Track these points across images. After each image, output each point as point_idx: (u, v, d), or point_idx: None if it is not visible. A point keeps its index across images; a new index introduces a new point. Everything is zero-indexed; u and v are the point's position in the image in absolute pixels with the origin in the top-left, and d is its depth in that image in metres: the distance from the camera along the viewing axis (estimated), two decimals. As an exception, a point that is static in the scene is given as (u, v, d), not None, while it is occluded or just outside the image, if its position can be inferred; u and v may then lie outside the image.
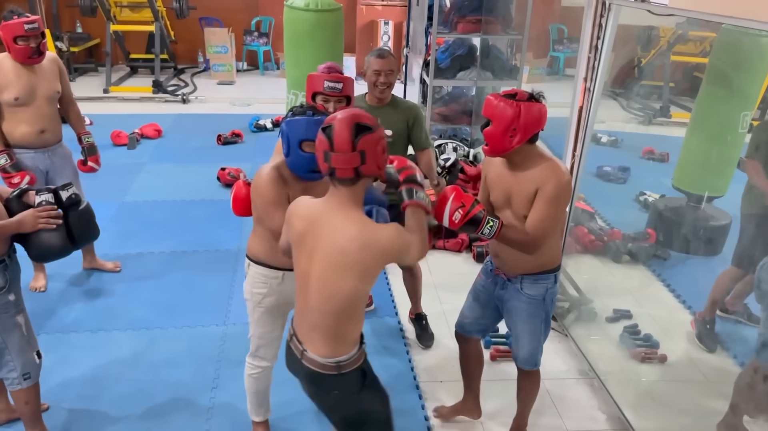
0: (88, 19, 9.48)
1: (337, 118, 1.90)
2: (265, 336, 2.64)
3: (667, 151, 6.13)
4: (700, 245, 4.59)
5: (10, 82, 3.40)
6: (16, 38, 3.35)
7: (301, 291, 2.04)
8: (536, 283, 2.54)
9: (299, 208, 2.04)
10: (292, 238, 2.04)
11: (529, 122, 2.25)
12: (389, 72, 3.23)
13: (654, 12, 2.89)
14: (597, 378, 3.33)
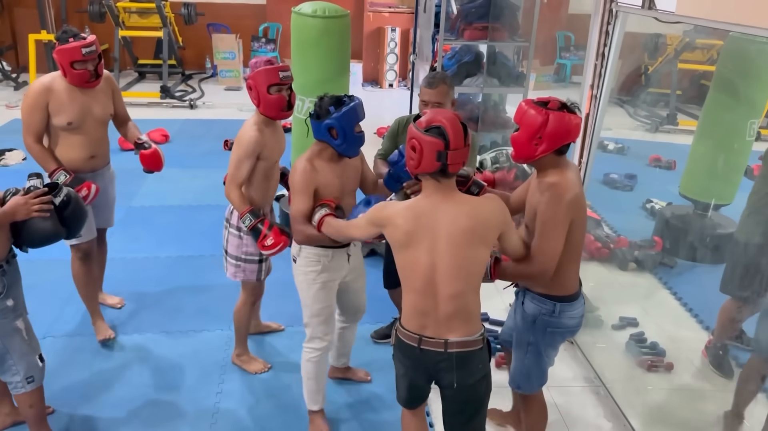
0: (96, 24, 9.53)
1: (440, 119, 2.04)
2: (324, 312, 2.79)
3: (674, 158, 6.12)
4: (707, 253, 4.57)
5: (64, 106, 3.16)
6: (73, 63, 3.11)
7: (427, 289, 2.10)
8: (532, 302, 2.43)
9: (396, 211, 2.12)
10: (399, 240, 2.11)
11: (556, 132, 2.18)
12: (435, 104, 2.84)
13: (661, 19, 2.89)
14: (603, 386, 3.31)
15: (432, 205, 2.08)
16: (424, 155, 2.02)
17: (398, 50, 10.11)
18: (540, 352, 2.50)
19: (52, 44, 3.15)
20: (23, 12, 9.77)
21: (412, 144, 2.06)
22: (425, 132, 2.02)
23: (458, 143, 2.02)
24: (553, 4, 7.56)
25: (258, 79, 2.89)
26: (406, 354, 2.20)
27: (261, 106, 2.92)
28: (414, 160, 2.06)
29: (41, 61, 8.42)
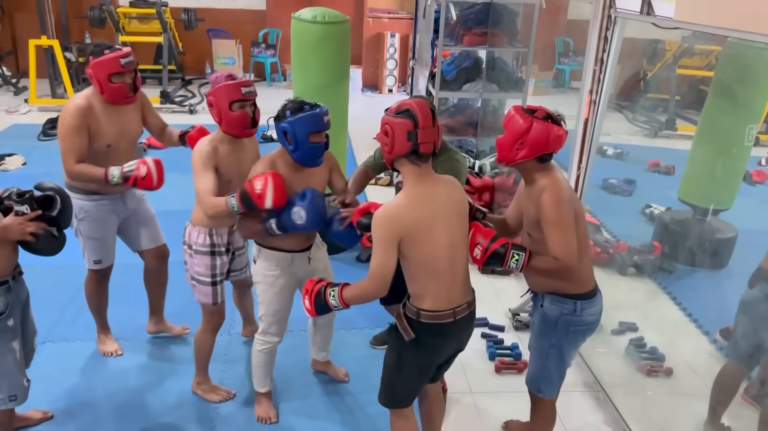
0: (97, 29, 9.56)
1: (409, 103, 2.16)
2: (279, 313, 2.85)
3: (673, 163, 6.13)
4: (706, 258, 4.58)
5: (102, 128, 2.98)
6: (111, 76, 2.91)
7: (450, 267, 2.23)
8: (553, 303, 2.47)
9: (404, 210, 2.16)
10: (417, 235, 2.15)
11: (537, 140, 2.26)
12: None
13: (659, 25, 2.90)
14: (602, 391, 3.31)
15: (426, 188, 2.19)
16: (395, 137, 2.13)
17: (398, 56, 10.14)
18: (563, 353, 2.54)
19: (86, 61, 2.96)
20: (23, 17, 9.80)
21: (384, 129, 2.17)
22: (395, 115, 2.15)
23: (427, 122, 2.13)
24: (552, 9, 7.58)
25: (219, 95, 2.71)
26: (439, 334, 2.28)
27: (223, 123, 2.75)
28: (387, 145, 2.17)
29: (41, 66, 8.44)
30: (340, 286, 2.29)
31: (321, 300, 2.32)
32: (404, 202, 2.17)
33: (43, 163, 6.36)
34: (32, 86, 8.41)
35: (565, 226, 2.28)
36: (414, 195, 2.17)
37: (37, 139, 7.15)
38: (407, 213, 2.15)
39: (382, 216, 2.15)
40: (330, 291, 2.30)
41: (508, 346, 3.67)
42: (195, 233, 2.88)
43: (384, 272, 2.15)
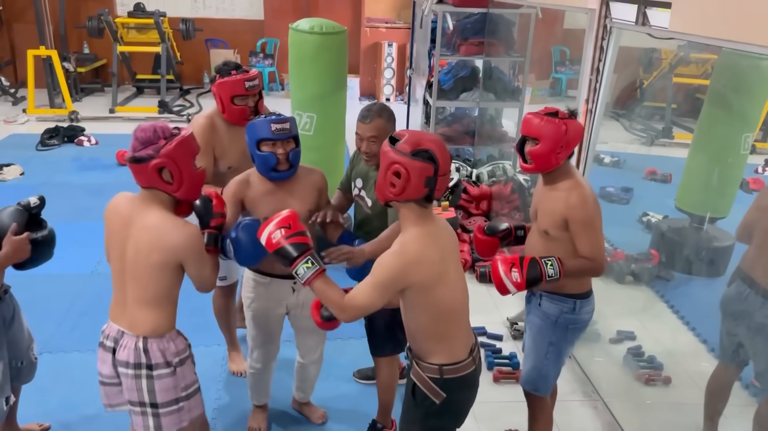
0: (95, 39, 9.60)
1: (427, 142, 1.91)
2: (257, 338, 2.72)
3: (670, 171, 6.15)
4: (703, 266, 4.59)
5: (225, 149, 2.96)
6: (234, 97, 2.88)
7: (465, 311, 2.11)
8: (552, 302, 2.50)
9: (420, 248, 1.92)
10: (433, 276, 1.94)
11: (573, 138, 2.33)
12: (371, 139, 2.56)
13: (654, 35, 2.92)
14: (601, 400, 3.31)
15: (431, 228, 1.98)
16: (411, 181, 1.88)
17: (395, 65, 10.17)
18: (561, 352, 2.57)
19: (213, 78, 2.93)
20: (22, 27, 9.83)
21: (394, 169, 1.88)
22: (412, 156, 1.88)
23: (447, 168, 1.93)
24: (548, 19, 7.61)
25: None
26: (467, 386, 2.10)
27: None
28: (397, 187, 1.90)
29: (40, 76, 8.46)
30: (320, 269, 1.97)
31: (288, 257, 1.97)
32: (416, 246, 1.91)
33: (41, 173, 6.37)
34: (30, 96, 8.43)
35: (596, 226, 2.34)
36: (422, 236, 1.93)
37: (35, 149, 7.16)
38: (421, 258, 1.91)
39: (394, 264, 1.90)
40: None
41: (506, 355, 3.67)
42: (166, 343, 2.17)
43: (359, 314, 1.96)
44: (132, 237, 2.10)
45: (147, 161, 2.04)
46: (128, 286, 2.14)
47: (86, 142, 7.41)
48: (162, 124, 2.09)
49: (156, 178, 2.06)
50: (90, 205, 5.65)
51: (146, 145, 2.05)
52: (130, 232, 2.10)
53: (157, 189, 2.09)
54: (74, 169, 6.70)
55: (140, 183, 2.12)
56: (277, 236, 1.98)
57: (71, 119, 8.24)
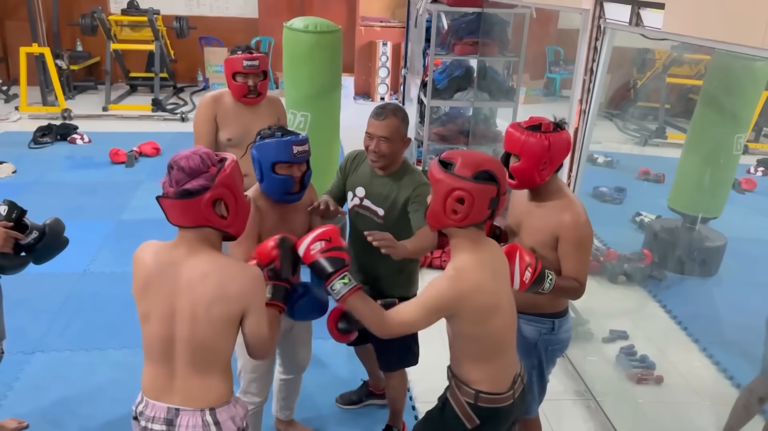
0: (88, 37, 9.55)
1: (486, 160, 1.84)
2: (257, 369, 2.51)
3: (663, 171, 6.17)
4: (696, 266, 4.61)
5: (228, 121, 3.20)
6: (234, 74, 3.14)
7: (512, 341, 2.00)
8: (529, 324, 2.38)
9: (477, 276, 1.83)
10: (487, 306, 1.86)
11: (557, 153, 2.19)
12: (382, 139, 2.42)
13: (648, 36, 2.93)
14: (593, 399, 3.32)
15: (486, 253, 1.89)
16: (476, 205, 1.79)
17: (390, 64, 10.17)
18: (543, 373, 2.49)
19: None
20: (14, 25, 9.77)
21: (457, 195, 1.79)
22: (475, 180, 1.79)
23: (506, 185, 1.86)
24: (543, 19, 7.63)
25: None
26: (499, 419, 2.00)
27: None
28: (460, 213, 1.80)
29: (32, 74, 8.41)
30: (357, 286, 1.90)
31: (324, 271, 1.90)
32: (473, 275, 1.82)
33: (34, 172, 6.34)
34: (23, 94, 8.38)
35: (586, 248, 2.25)
36: (479, 264, 1.85)
37: (28, 147, 7.12)
38: (479, 288, 1.83)
39: (449, 289, 1.81)
40: (345, 276, 1.90)
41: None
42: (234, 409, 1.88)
43: (402, 331, 1.89)
44: (183, 293, 1.75)
45: (200, 194, 1.70)
46: (179, 353, 1.78)
47: (79, 140, 7.38)
48: (204, 149, 1.78)
49: (210, 212, 1.73)
50: (83, 204, 5.63)
51: (195, 175, 1.71)
52: (179, 288, 1.76)
53: (207, 227, 1.76)
54: (67, 167, 6.68)
55: (185, 222, 1.76)
56: (316, 248, 1.92)
57: (64, 117, 8.20)
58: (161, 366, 1.81)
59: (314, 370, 3.19)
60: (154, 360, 1.82)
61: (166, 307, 1.77)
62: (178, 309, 1.76)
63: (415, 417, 3.18)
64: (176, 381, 1.80)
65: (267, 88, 3.26)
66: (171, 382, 1.80)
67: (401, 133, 2.44)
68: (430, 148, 6.12)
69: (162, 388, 1.81)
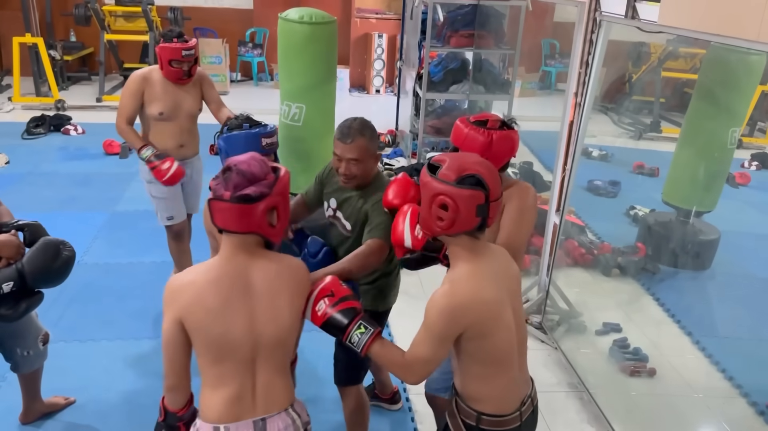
0: (82, 28, 9.47)
1: (472, 166, 1.71)
2: None
3: (658, 165, 6.19)
4: (689, 259, 4.63)
5: (157, 97, 3.48)
6: (171, 61, 3.42)
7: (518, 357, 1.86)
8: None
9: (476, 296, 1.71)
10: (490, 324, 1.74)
11: (500, 151, 2.12)
12: (352, 161, 2.31)
13: (643, 29, 2.93)
14: (586, 391, 3.33)
15: (486, 263, 1.77)
16: (460, 212, 1.67)
17: (385, 56, 10.14)
18: None
19: (158, 41, 3.51)
20: (7, 15, 9.69)
21: (440, 201, 1.69)
22: (458, 184, 1.68)
23: (498, 191, 1.72)
24: (538, 12, 7.62)
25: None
26: None
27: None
28: (445, 220, 1.69)
29: (25, 64, 8.35)
30: (375, 332, 1.81)
31: (339, 325, 1.82)
32: (469, 286, 1.71)
33: (27, 163, 6.30)
34: (16, 84, 8.32)
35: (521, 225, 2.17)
36: (475, 274, 1.73)
37: (21, 138, 7.08)
38: (475, 299, 1.71)
39: (445, 307, 1.69)
40: (361, 325, 1.80)
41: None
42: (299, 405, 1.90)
43: (427, 370, 1.77)
44: (260, 302, 1.72)
45: (259, 200, 1.66)
46: (263, 360, 1.75)
47: (73, 131, 7.34)
48: (260, 156, 1.76)
49: (263, 220, 1.69)
50: (76, 194, 5.60)
51: (255, 181, 1.68)
52: (254, 299, 1.72)
53: (256, 234, 1.72)
54: (61, 158, 6.64)
55: (237, 227, 1.70)
56: (322, 307, 1.82)
57: (58, 108, 8.15)
58: (238, 385, 1.74)
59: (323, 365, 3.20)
60: (229, 383, 1.74)
61: (247, 318, 1.71)
62: (259, 313, 1.72)
63: (410, 410, 3.19)
64: (258, 391, 1.76)
65: (197, 70, 3.58)
66: (252, 395, 1.75)
67: (371, 152, 2.34)
68: (425, 140, 6.13)
69: (243, 407, 1.75)
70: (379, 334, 1.82)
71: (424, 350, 1.73)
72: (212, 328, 1.69)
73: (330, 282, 1.86)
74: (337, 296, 1.83)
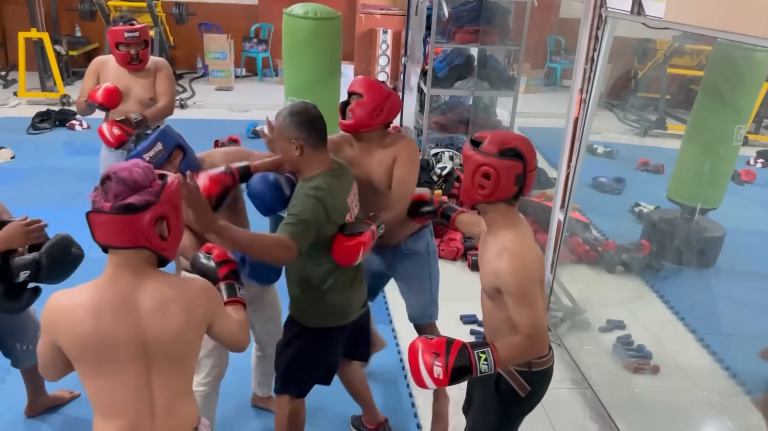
0: (87, 23, 9.50)
1: (513, 140, 1.92)
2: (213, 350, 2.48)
3: (663, 162, 6.18)
4: (694, 257, 4.62)
5: (108, 81, 3.58)
6: (117, 44, 3.54)
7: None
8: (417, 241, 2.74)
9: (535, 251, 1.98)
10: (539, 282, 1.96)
11: (393, 107, 2.56)
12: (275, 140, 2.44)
13: (649, 25, 2.91)
14: (590, 388, 3.33)
15: (526, 227, 2.01)
16: (501, 181, 1.88)
17: (390, 52, 10.12)
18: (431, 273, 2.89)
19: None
20: (13, 10, 9.71)
21: (483, 171, 1.89)
22: (500, 156, 1.89)
23: (534, 163, 1.93)
24: (544, 8, 7.60)
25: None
26: (548, 379, 2.14)
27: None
28: (487, 188, 1.90)
29: (31, 59, 8.36)
30: (491, 347, 1.85)
31: (465, 364, 1.82)
32: (523, 246, 1.93)
33: (33, 157, 6.32)
34: (21, 79, 8.34)
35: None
36: (522, 236, 1.96)
37: (26, 133, 7.10)
38: (533, 256, 1.95)
39: (518, 269, 1.87)
40: (479, 354, 1.82)
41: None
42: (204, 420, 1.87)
43: (543, 325, 1.91)
44: (151, 325, 1.59)
45: (144, 210, 1.54)
46: (160, 388, 1.65)
47: (78, 126, 7.36)
48: (144, 163, 1.64)
49: (151, 232, 1.56)
50: (81, 190, 5.54)
51: (138, 189, 1.55)
52: (143, 320, 1.59)
53: (144, 248, 1.58)
54: (66, 153, 6.66)
55: (120, 242, 1.56)
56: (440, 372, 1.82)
57: (63, 103, 8.16)
58: (133, 412, 1.64)
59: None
60: (123, 411, 1.63)
61: (135, 345, 1.58)
62: (150, 340, 1.59)
63: (411, 397, 3.19)
64: (158, 417, 1.65)
65: (149, 56, 3.67)
66: (151, 422, 1.65)
67: (282, 134, 2.23)
68: (430, 137, 6.12)
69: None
70: (494, 347, 1.86)
71: (530, 317, 1.88)
72: (92, 357, 1.58)
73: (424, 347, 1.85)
74: (442, 349, 1.82)
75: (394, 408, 3.15)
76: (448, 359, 1.81)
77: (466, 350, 1.83)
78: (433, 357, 1.82)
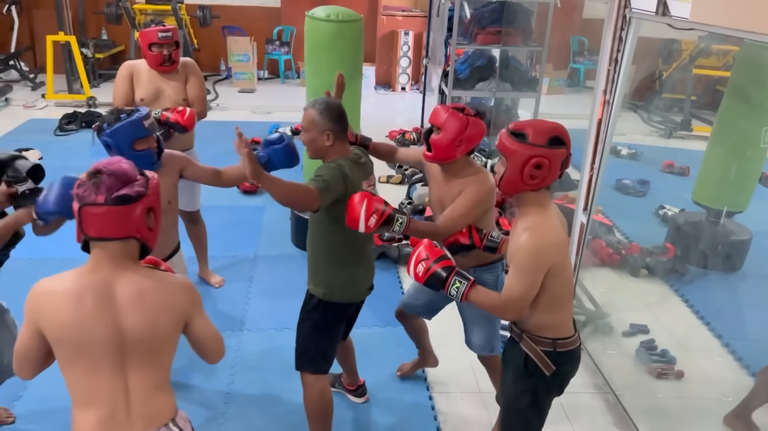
0: (113, 26, 9.64)
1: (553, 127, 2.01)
2: None
3: (688, 164, 6.09)
4: (719, 261, 4.54)
5: (141, 83, 3.63)
6: (150, 45, 3.57)
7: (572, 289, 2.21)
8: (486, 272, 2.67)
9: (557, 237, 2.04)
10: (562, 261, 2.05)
11: (473, 135, 2.49)
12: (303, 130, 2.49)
13: (674, 26, 2.88)
14: (612, 392, 3.30)
15: (554, 210, 2.10)
16: (552, 169, 1.98)
17: (411, 54, 10.13)
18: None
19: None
20: (41, 14, 9.90)
21: (536, 162, 1.95)
22: (549, 146, 1.97)
23: (570, 147, 2.03)
24: (567, 8, 7.54)
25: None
26: (575, 360, 2.23)
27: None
28: (538, 178, 1.98)
29: (58, 62, 8.52)
30: (470, 283, 2.06)
31: (440, 278, 2.08)
32: (547, 230, 2.00)
33: (60, 158, 6.43)
34: (49, 81, 8.50)
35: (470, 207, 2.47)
36: (549, 219, 2.03)
37: (54, 134, 7.23)
38: (554, 241, 2.01)
39: (532, 249, 1.97)
40: (455, 281, 2.06)
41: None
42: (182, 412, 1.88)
43: (522, 307, 2.02)
44: (127, 315, 1.64)
45: (138, 200, 1.63)
46: (136, 379, 1.69)
47: (104, 127, 7.47)
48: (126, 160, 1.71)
49: (142, 222, 1.65)
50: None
51: (128, 182, 1.64)
52: (120, 309, 1.64)
53: (134, 238, 1.66)
54: (92, 154, 6.75)
55: (113, 233, 1.63)
56: (422, 268, 2.11)
57: (89, 105, 8.30)
58: (109, 403, 1.66)
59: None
60: (100, 401, 1.66)
61: (111, 335, 1.63)
62: (127, 331, 1.63)
63: (430, 400, 3.19)
64: (133, 408, 1.68)
65: (180, 56, 3.71)
66: (127, 413, 1.68)
67: (316, 125, 2.42)
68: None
69: (116, 427, 1.67)
70: (474, 284, 2.07)
71: (517, 289, 1.99)
72: (71, 342, 1.62)
73: (426, 245, 2.14)
74: (434, 256, 2.10)
75: (414, 410, 3.15)
76: (432, 266, 2.09)
77: (449, 271, 2.08)
78: (425, 257, 2.12)
